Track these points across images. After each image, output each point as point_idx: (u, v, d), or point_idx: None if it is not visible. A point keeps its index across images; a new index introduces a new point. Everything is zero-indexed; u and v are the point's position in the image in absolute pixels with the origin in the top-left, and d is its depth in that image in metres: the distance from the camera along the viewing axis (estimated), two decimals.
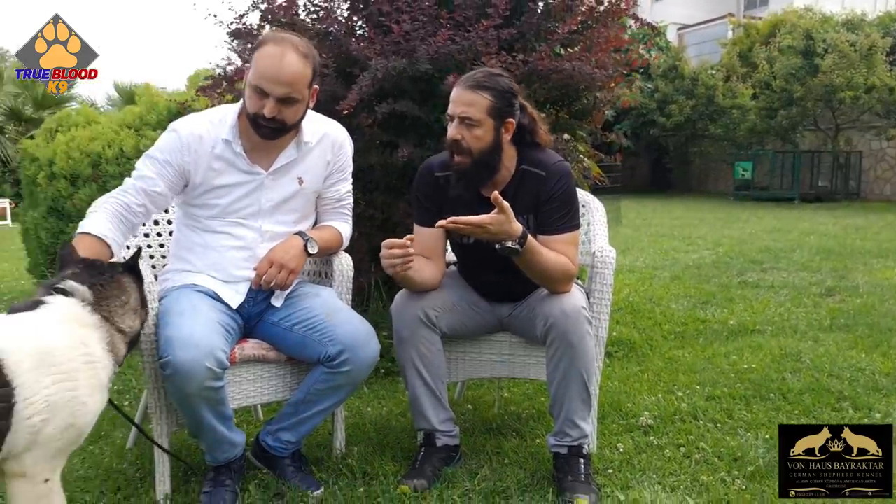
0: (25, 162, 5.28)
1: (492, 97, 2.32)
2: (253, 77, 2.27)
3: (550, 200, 2.39)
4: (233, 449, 2.34)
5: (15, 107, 17.90)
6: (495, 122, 2.34)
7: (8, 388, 1.67)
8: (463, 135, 2.32)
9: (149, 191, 2.31)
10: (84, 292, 1.87)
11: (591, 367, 2.39)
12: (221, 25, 4.16)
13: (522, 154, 2.45)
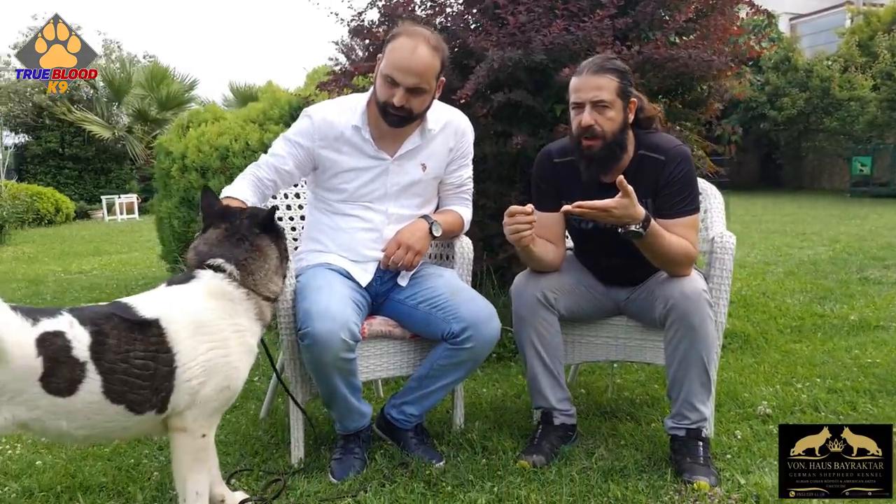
0: (160, 156, 5.67)
1: (618, 78, 2.38)
2: (385, 67, 2.41)
3: (670, 184, 2.41)
4: (361, 419, 2.49)
5: (142, 108, 19.08)
6: (623, 102, 2.39)
7: (170, 354, 1.87)
8: (597, 119, 2.37)
9: (279, 168, 2.51)
10: (232, 271, 2.03)
11: (712, 351, 2.40)
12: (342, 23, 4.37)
13: (640, 139, 2.48)
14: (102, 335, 1.81)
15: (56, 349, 1.74)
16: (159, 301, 1.95)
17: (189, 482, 1.98)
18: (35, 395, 1.73)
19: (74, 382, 1.76)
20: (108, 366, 1.80)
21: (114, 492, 2.33)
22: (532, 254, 2.47)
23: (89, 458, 2.61)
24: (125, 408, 1.84)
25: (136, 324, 1.86)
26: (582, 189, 2.47)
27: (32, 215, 13.91)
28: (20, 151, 18.93)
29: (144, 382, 1.84)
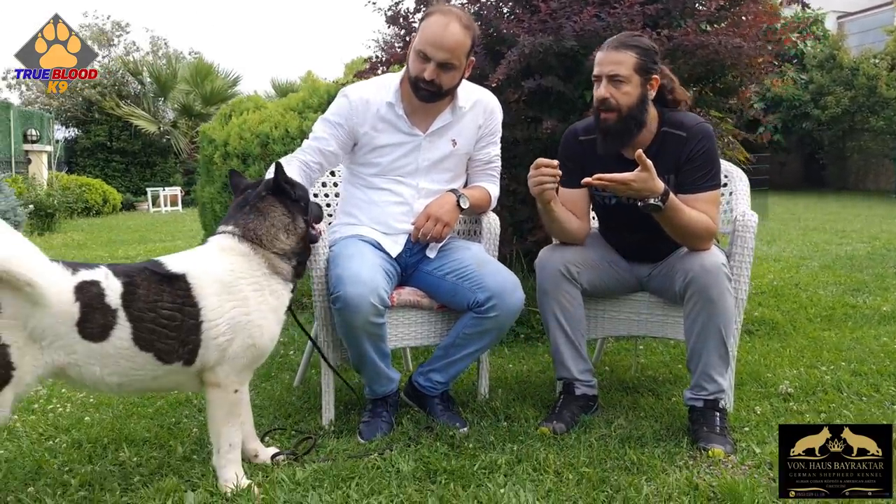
0: (204, 143, 5.86)
1: (637, 55, 2.45)
2: (418, 42, 2.52)
3: (691, 160, 2.48)
4: (389, 384, 2.60)
5: (186, 103, 19.54)
6: (641, 78, 2.46)
7: (195, 308, 2.02)
8: (612, 93, 2.45)
9: (323, 150, 2.63)
10: (234, 230, 2.17)
11: (730, 324, 2.46)
12: (379, 13, 4.49)
13: (663, 116, 2.54)
14: (133, 285, 1.97)
15: (91, 296, 1.90)
16: (186, 259, 2.10)
17: (223, 434, 2.12)
18: (72, 340, 1.88)
19: (106, 328, 1.91)
20: (137, 314, 1.95)
21: (156, 445, 2.48)
22: (553, 213, 2.56)
23: (134, 417, 2.77)
24: (153, 356, 1.99)
25: (165, 277, 2.02)
26: (606, 165, 2.54)
27: (81, 205, 14.35)
28: (70, 145, 19.54)
29: (171, 333, 1.99)
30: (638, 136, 2.51)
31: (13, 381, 1.83)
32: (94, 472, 2.25)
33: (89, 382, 1.99)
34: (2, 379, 1.82)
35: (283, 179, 2.23)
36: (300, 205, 2.28)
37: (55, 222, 11.21)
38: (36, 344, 1.85)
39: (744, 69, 4.05)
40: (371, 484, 2.12)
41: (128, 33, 23.49)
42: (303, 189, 2.33)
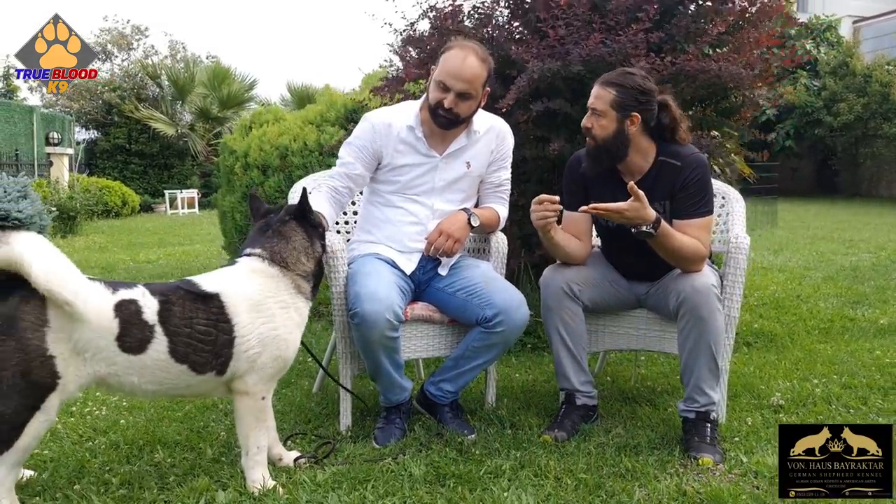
0: (224, 153, 6.09)
1: (617, 92, 2.64)
2: (438, 73, 2.73)
3: (685, 188, 2.66)
4: (402, 392, 2.79)
5: (204, 107, 19.85)
6: (618, 114, 2.65)
7: (229, 324, 2.23)
8: (592, 123, 2.69)
9: (350, 174, 2.85)
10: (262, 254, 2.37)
11: (720, 341, 2.64)
12: (395, 34, 4.69)
13: (661, 147, 2.73)
14: (169, 303, 2.17)
15: (129, 313, 2.10)
16: (219, 279, 2.31)
17: (251, 438, 2.32)
18: (112, 353, 2.08)
19: (144, 342, 2.12)
20: (173, 329, 2.15)
21: (187, 447, 2.68)
22: (554, 241, 2.77)
23: (165, 420, 2.97)
24: (188, 367, 2.19)
25: (200, 296, 2.23)
26: (608, 190, 2.74)
27: (101, 208, 14.65)
28: (90, 147, 19.88)
29: (206, 346, 2.20)
30: (614, 163, 2.74)
31: (59, 388, 2.03)
32: (133, 471, 2.46)
33: (127, 390, 2.20)
34: (48, 386, 2.01)
35: (306, 206, 2.43)
36: (318, 230, 2.48)
37: (77, 225, 11.50)
38: (80, 356, 2.05)
39: (745, 90, 4.22)
40: (385, 486, 2.31)
41: (147, 37, 23.88)
42: (318, 215, 2.53)
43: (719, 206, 3.20)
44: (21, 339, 1.96)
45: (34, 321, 1.98)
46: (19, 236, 1.96)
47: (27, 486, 2.32)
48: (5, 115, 14.14)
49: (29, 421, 1.99)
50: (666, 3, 3.94)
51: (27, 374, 1.97)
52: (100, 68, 22.37)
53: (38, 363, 1.98)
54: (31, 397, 1.99)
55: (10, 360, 1.95)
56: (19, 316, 1.96)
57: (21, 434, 1.99)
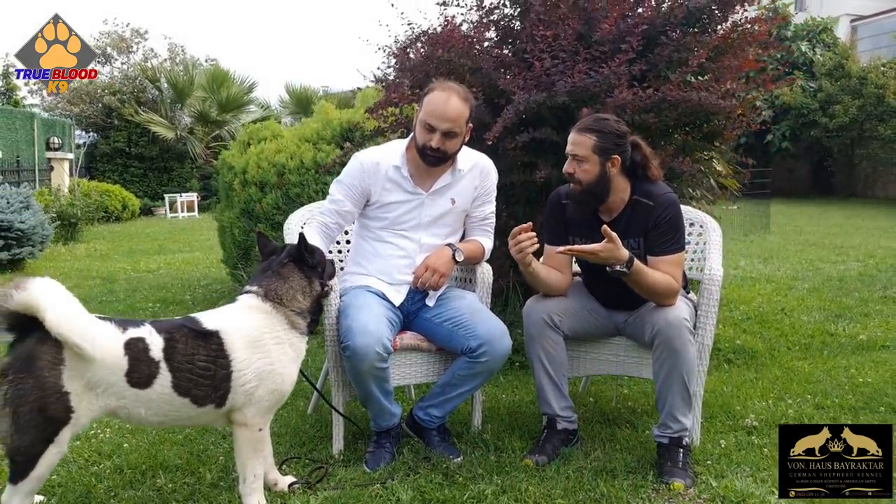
0: (223, 170, 6.22)
1: (597, 138, 2.79)
2: (423, 115, 2.87)
3: (657, 226, 2.81)
4: (392, 418, 2.94)
5: (203, 110, 19.95)
6: (600, 158, 2.80)
7: (227, 360, 2.39)
8: (574, 169, 2.83)
9: (340, 211, 2.99)
10: (258, 291, 2.53)
11: (692, 371, 2.78)
12: (389, 58, 4.82)
13: (634, 186, 2.88)
14: (173, 341, 2.33)
15: (137, 351, 2.26)
16: (219, 317, 2.47)
17: (248, 467, 2.47)
18: (122, 388, 2.25)
19: (151, 377, 2.28)
20: (176, 365, 2.31)
21: (187, 471, 2.83)
22: (535, 274, 2.91)
23: (166, 443, 3.12)
24: (190, 400, 2.35)
25: (201, 333, 2.38)
26: (587, 226, 2.89)
27: (102, 212, 14.78)
28: (90, 150, 20.00)
29: (206, 381, 2.35)
30: (599, 204, 2.86)
31: (71, 422, 2.19)
32: (136, 497, 2.61)
33: (135, 420, 2.36)
34: (62, 421, 2.17)
35: (305, 249, 2.58)
36: (317, 270, 2.63)
37: (78, 231, 11.62)
38: (92, 391, 2.21)
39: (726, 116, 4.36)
40: None
41: (146, 40, 23.98)
42: (321, 254, 2.68)
43: (697, 235, 3.34)
44: (39, 377, 2.12)
45: (51, 360, 2.14)
46: (35, 283, 2.11)
47: None
48: (7, 121, 14.26)
49: (43, 453, 2.15)
50: (649, 34, 4.08)
51: (44, 410, 2.13)
52: (100, 71, 22.48)
53: (53, 399, 2.14)
54: (46, 431, 2.14)
55: (28, 397, 2.11)
56: (37, 355, 2.13)
57: (36, 465, 2.15)
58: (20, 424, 2.11)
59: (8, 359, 2.15)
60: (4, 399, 2.12)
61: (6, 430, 2.12)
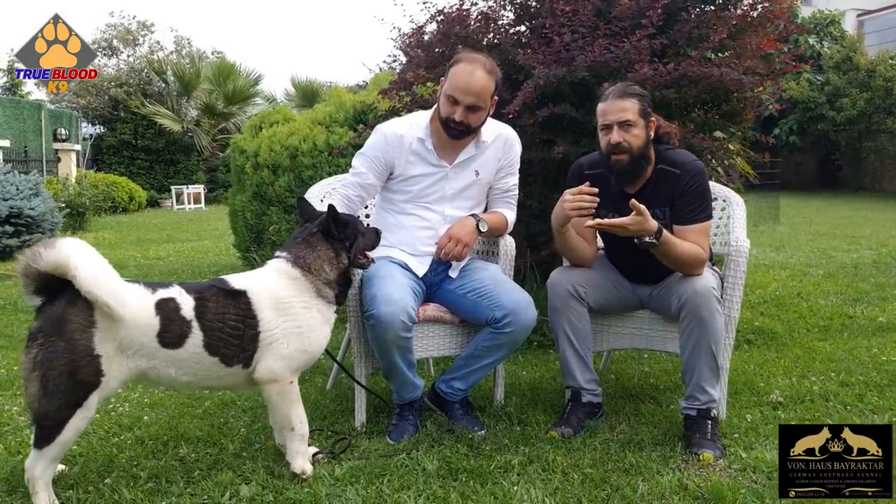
0: (235, 153, 6.19)
1: (638, 101, 2.76)
2: (448, 87, 2.83)
3: (684, 195, 2.77)
4: (415, 390, 2.90)
5: (209, 102, 19.95)
6: (644, 121, 2.76)
7: (255, 320, 2.38)
8: (624, 137, 2.76)
9: (362, 183, 2.95)
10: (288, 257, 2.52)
11: (720, 341, 2.74)
12: (400, 34, 4.80)
13: (659, 154, 2.84)
14: (204, 300, 2.33)
15: (169, 310, 2.25)
16: (247, 278, 2.47)
17: (292, 416, 2.49)
18: (153, 348, 2.23)
19: (182, 337, 2.27)
20: (208, 324, 2.30)
21: (209, 443, 2.80)
22: (570, 242, 2.88)
23: (186, 416, 3.09)
24: (219, 360, 2.34)
25: (230, 292, 2.38)
26: (610, 198, 2.84)
27: (109, 203, 14.78)
28: (97, 142, 20.00)
29: (235, 340, 2.35)
30: (643, 171, 2.81)
31: (101, 386, 2.17)
32: (159, 466, 2.58)
33: (164, 382, 2.35)
34: (92, 384, 2.15)
35: (334, 221, 2.55)
36: (345, 243, 2.59)
37: (86, 221, 11.62)
38: (123, 353, 2.20)
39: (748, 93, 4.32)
40: (401, 481, 2.43)
41: (153, 33, 24.01)
42: (353, 229, 2.63)
43: (720, 210, 3.30)
44: (70, 340, 2.10)
45: (82, 322, 2.11)
46: (64, 242, 2.08)
47: (60, 480, 2.43)
48: (14, 111, 14.26)
49: (71, 418, 2.13)
50: (669, 10, 4.04)
51: (74, 374, 2.11)
52: (106, 64, 22.49)
53: (84, 362, 2.12)
54: (75, 395, 2.12)
55: (59, 360, 2.08)
56: (68, 318, 2.10)
57: (63, 430, 2.12)
58: (49, 388, 2.09)
59: (37, 322, 2.13)
60: (34, 362, 2.09)
61: (34, 393, 2.10)
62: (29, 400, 2.13)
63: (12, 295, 6.09)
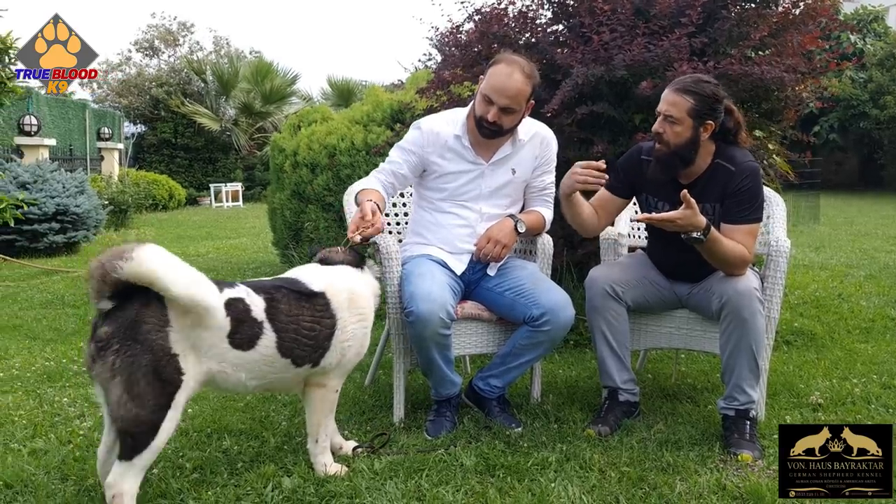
0: (274, 152, 6.29)
1: (694, 101, 2.71)
2: (484, 87, 2.85)
3: (736, 194, 2.75)
4: (453, 387, 2.94)
5: (247, 101, 20.22)
6: (694, 122, 2.72)
7: (333, 320, 2.43)
8: (665, 129, 2.75)
9: (395, 172, 3.01)
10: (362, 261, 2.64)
11: (761, 342, 2.73)
12: (436, 32, 4.83)
13: (719, 149, 2.82)
14: (275, 300, 2.33)
15: (239, 311, 2.23)
16: (321, 277, 2.48)
17: (322, 426, 2.51)
18: (223, 350, 2.21)
19: (254, 338, 2.26)
20: (281, 325, 2.31)
21: (251, 436, 2.86)
22: (575, 203, 2.91)
23: (229, 409, 3.16)
24: (290, 361, 2.36)
25: (305, 294, 2.40)
26: (661, 185, 2.86)
27: (149, 201, 15.07)
28: (138, 141, 20.41)
29: (309, 341, 2.37)
30: (683, 169, 2.80)
31: (183, 385, 2.13)
32: (204, 457, 2.65)
33: (231, 385, 2.31)
34: (176, 383, 2.11)
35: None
36: None
37: (128, 218, 11.87)
38: (196, 353, 2.17)
39: (789, 91, 4.26)
40: (439, 475, 2.46)
41: (192, 33, 24.30)
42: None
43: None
44: (147, 341, 2.06)
45: (157, 322, 2.08)
46: (143, 250, 2.03)
47: None
48: (60, 111, 14.61)
49: (163, 420, 2.09)
50: (709, 8, 4.01)
51: (158, 374, 2.07)
52: (147, 64, 22.89)
53: (165, 361, 2.08)
54: (163, 396, 2.08)
55: (140, 362, 2.04)
56: (142, 319, 2.06)
57: (157, 434, 2.08)
58: (135, 392, 2.03)
59: (107, 327, 2.06)
60: (112, 369, 2.03)
61: (119, 399, 2.04)
62: (113, 407, 2.05)
63: (60, 290, 6.27)
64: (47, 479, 2.47)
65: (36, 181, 8.28)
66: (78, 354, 4.14)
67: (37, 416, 3.11)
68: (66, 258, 8.23)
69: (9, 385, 3.55)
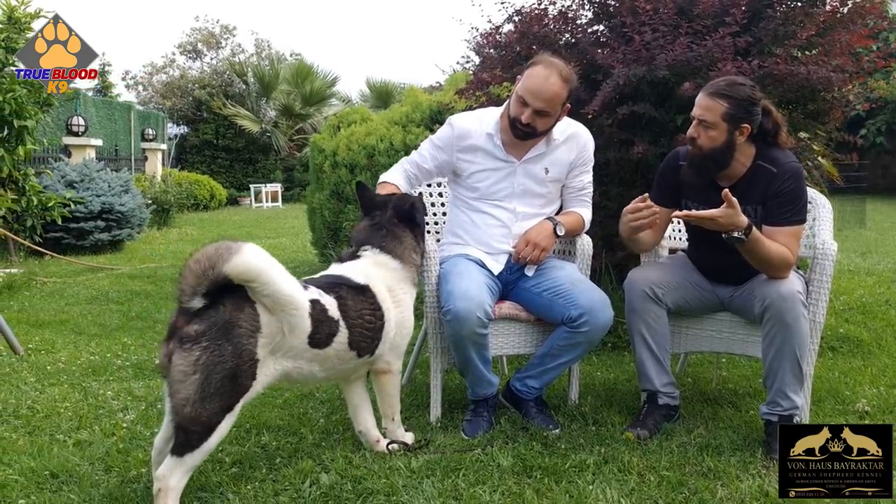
0: (314, 152, 6.35)
1: (728, 105, 2.66)
2: (520, 88, 2.84)
3: (778, 195, 2.70)
4: (490, 387, 2.93)
5: (287, 103, 20.47)
6: (729, 126, 2.68)
7: (381, 311, 2.52)
8: (699, 133, 2.71)
9: (420, 165, 3.08)
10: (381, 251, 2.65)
11: (805, 346, 2.67)
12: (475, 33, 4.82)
13: (760, 150, 2.77)
14: (343, 298, 2.42)
15: (318, 311, 2.31)
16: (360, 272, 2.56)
17: (395, 405, 2.71)
18: (301, 349, 2.29)
19: (331, 336, 2.36)
20: (351, 321, 2.42)
21: (289, 432, 2.89)
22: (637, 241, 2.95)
23: (267, 406, 3.20)
24: (356, 353, 2.47)
25: (357, 288, 2.49)
26: (700, 189, 2.83)
27: (191, 201, 15.34)
28: (181, 142, 20.79)
29: (370, 333, 2.48)
30: (717, 173, 2.76)
31: (250, 391, 2.16)
32: (242, 452, 2.68)
33: (302, 379, 2.44)
34: (246, 388, 2.13)
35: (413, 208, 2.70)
36: (422, 228, 2.73)
37: (171, 217, 12.09)
38: (273, 356, 2.23)
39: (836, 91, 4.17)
40: (476, 475, 2.46)
41: (234, 36, 24.64)
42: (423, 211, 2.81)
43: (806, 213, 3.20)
44: (238, 344, 2.08)
45: (250, 327, 2.12)
46: (248, 248, 2.05)
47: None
48: (106, 112, 14.94)
49: (221, 422, 2.10)
50: (753, 7, 3.94)
51: (235, 378, 2.09)
52: (190, 67, 23.27)
53: (246, 366, 2.12)
54: (231, 399, 2.10)
55: (224, 364, 2.05)
56: (236, 322, 2.09)
57: (211, 436, 2.09)
58: (207, 392, 2.03)
59: (199, 326, 2.05)
60: (195, 365, 2.03)
61: (188, 396, 2.03)
62: (178, 403, 2.05)
63: (104, 286, 6.41)
64: (91, 470, 2.52)
65: (83, 180, 8.49)
66: (122, 349, 4.23)
67: (82, 408, 3.18)
68: (110, 255, 8.42)
69: (55, 378, 3.64)
